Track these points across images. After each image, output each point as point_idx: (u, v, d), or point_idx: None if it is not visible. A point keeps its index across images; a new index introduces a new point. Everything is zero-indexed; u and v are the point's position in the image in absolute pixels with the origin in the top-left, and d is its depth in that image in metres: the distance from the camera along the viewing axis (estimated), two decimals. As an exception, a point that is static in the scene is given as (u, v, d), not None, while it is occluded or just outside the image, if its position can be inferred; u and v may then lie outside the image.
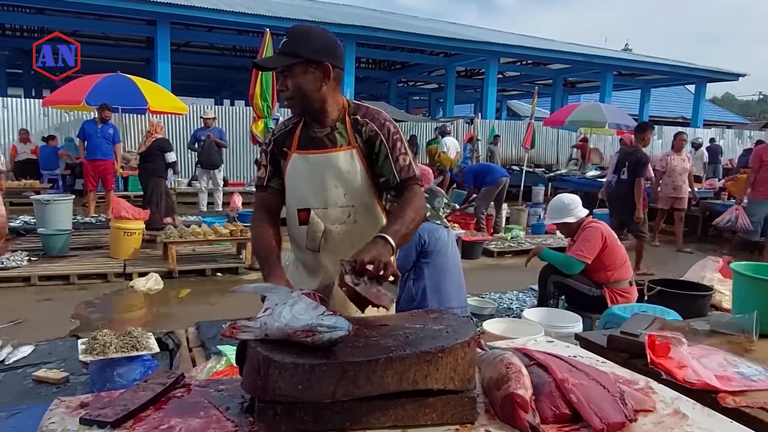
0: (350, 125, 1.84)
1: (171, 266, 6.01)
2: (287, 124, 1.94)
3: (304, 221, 1.88)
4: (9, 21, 17.22)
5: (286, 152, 1.89)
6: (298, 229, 1.91)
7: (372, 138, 1.83)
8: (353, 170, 1.84)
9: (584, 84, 24.72)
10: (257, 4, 16.89)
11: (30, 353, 3.66)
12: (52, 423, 1.30)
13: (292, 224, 1.93)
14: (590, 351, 1.98)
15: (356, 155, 1.83)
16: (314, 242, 1.88)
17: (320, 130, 1.84)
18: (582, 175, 11.69)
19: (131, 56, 20.78)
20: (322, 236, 1.87)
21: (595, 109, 12.44)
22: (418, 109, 30.27)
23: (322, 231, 1.87)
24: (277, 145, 1.92)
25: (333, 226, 1.87)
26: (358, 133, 1.83)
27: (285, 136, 1.91)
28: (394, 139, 1.84)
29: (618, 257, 3.99)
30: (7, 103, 12.63)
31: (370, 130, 1.83)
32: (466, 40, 17.03)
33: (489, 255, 7.46)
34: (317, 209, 1.86)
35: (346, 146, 1.83)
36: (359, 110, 1.87)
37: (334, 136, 1.84)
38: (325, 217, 1.86)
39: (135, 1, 13.23)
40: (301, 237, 1.92)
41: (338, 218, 1.87)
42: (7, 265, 5.82)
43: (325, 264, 1.90)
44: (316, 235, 1.87)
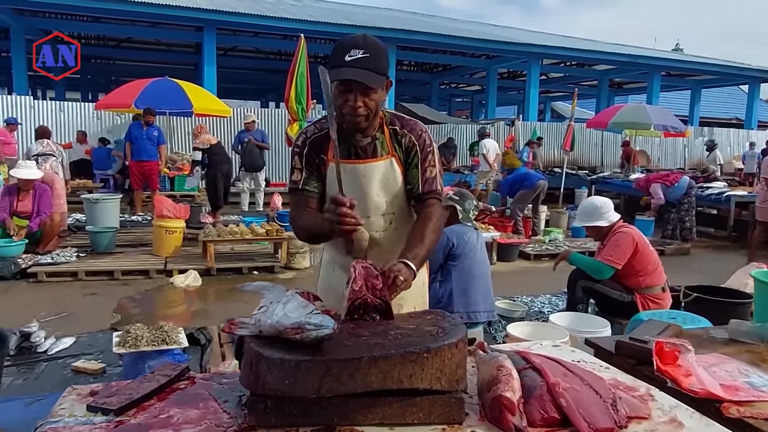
0: (389, 135, 1.88)
1: (209, 264, 6.21)
2: (320, 128, 1.90)
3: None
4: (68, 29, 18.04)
5: (324, 158, 1.88)
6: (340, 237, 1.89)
7: (410, 148, 1.88)
8: (393, 179, 1.89)
9: (631, 85, 24.04)
10: (299, 10, 17.21)
11: (71, 344, 3.87)
12: (62, 408, 1.40)
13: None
14: (599, 357, 1.97)
15: (395, 163, 1.88)
16: (361, 252, 1.90)
17: (362, 140, 1.86)
18: (626, 178, 11.37)
19: (181, 61, 21.47)
20: (368, 244, 1.91)
21: (639, 110, 12.08)
22: (461, 111, 30.10)
23: (368, 239, 1.90)
24: (314, 149, 1.89)
25: (376, 233, 1.92)
26: (398, 143, 1.88)
27: (321, 141, 1.89)
28: (427, 151, 1.89)
29: (650, 263, 3.89)
30: (65, 107, 13.31)
31: (409, 141, 1.88)
32: (507, 41, 16.84)
33: (525, 258, 7.37)
34: (361, 218, 1.86)
35: (386, 155, 1.87)
36: (396, 120, 1.91)
37: (375, 146, 1.87)
38: (368, 225, 1.89)
39: (184, 9, 13.73)
40: (342, 243, 1.91)
41: (381, 226, 1.92)
42: (57, 260, 6.15)
43: None
44: (362, 244, 1.90)
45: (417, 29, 16.01)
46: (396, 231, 1.94)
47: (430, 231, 1.81)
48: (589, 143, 17.49)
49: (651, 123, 11.59)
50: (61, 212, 6.98)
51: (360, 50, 1.69)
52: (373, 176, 1.87)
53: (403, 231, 1.93)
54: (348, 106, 1.74)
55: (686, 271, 6.73)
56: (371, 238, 1.91)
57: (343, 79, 1.71)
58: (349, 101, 1.73)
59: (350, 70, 1.68)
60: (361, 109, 1.74)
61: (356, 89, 1.72)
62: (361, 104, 1.73)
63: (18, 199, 6.42)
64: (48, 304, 5.00)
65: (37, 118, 12.53)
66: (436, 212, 1.88)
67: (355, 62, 1.68)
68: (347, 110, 1.75)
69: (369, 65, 1.69)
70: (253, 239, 6.71)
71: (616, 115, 12.22)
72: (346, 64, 1.69)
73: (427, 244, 1.77)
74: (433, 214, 1.87)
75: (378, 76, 1.71)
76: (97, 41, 20.08)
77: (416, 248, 1.73)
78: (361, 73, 1.68)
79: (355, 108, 1.73)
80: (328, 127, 1.87)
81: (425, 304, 2.09)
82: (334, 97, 1.76)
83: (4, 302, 5.13)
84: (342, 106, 1.75)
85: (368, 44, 1.72)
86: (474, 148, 13.85)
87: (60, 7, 13.51)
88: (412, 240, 1.78)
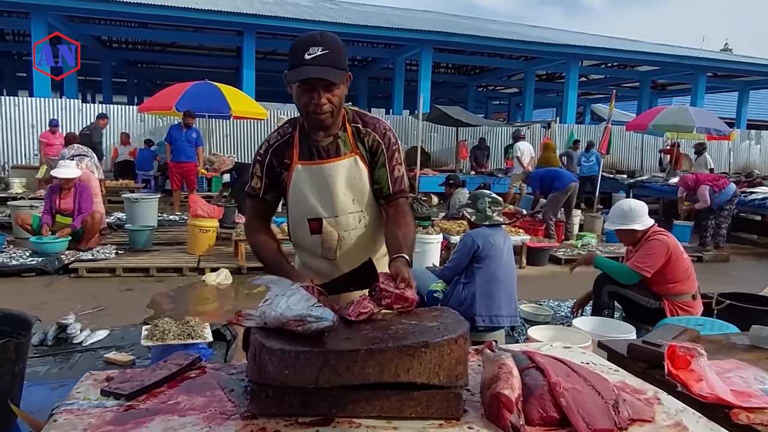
0: (352, 133, 1.87)
1: (240, 263, 6.34)
2: (282, 134, 1.90)
3: (316, 230, 1.92)
4: (116, 35, 18.78)
5: (287, 164, 1.88)
6: (310, 238, 1.94)
7: (375, 147, 1.88)
8: (359, 176, 1.89)
9: (675, 86, 23.37)
10: (337, 13, 17.40)
11: (105, 337, 4.02)
12: (78, 392, 1.47)
13: (301, 234, 1.95)
14: (612, 360, 1.94)
15: (359, 161, 1.88)
16: (330, 251, 1.94)
17: (324, 139, 1.85)
18: (665, 182, 11.04)
19: (222, 65, 22.00)
20: (337, 244, 1.93)
21: (682, 112, 11.72)
22: (498, 114, 29.82)
23: (337, 239, 1.92)
24: (276, 156, 1.89)
25: (345, 233, 1.92)
26: (361, 142, 1.88)
27: (284, 147, 1.89)
28: (393, 149, 1.89)
29: (682, 271, 3.74)
30: (110, 110, 13.79)
31: (372, 139, 1.88)
32: (545, 43, 16.61)
33: (556, 262, 7.26)
34: (328, 218, 1.90)
35: (350, 153, 1.87)
36: (358, 118, 1.90)
37: (337, 144, 1.87)
38: (337, 225, 1.91)
39: (225, 14, 14.09)
40: (313, 246, 1.95)
41: (350, 225, 1.92)
42: (97, 257, 6.40)
43: (342, 270, 1.91)
44: (331, 243, 1.92)
45: (455, 31, 15.96)
46: (366, 229, 1.94)
47: (410, 232, 1.83)
48: (628, 146, 17.09)
49: (693, 125, 11.24)
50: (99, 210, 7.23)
51: (319, 47, 1.67)
52: (338, 175, 1.87)
53: (373, 229, 1.94)
54: (313, 105, 1.72)
55: (724, 278, 6.51)
56: (340, 237, 1.92)
57: (307, 78, 1.69)
58: (313, 99, 1.72)
59: (312, 69, 1.67)
60: (326, 106, 1.73)
61: (320, 86, 1.70)
62: (325, 101, 1.72)
63: (60, 197, 6.71)
64: (87, 298, 5.21)
65: (85, 120, 13.05)
66: (409, 212, 1.91)
67: (315, 60, 1.66)
68: (312, 108, 1.73)
69: (330, 62, 1.67)
70: (283, 239, 6.79)
71: (656, 117, 11.89)
72: (306, 63, 1.67)
73: (411, 242, 1.81)
74: (408, 214, 1.89)
75: (340, 72, 1.70)
76: (143, 46, 20.79)
77: (405, 246, 1.74)
78: (323, 70, 1.67)
79: (320, 105, 1.72)
80: (291, 131, 1.89)
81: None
82: (297, 97, 1.75)
83: (47, 295, 5.36)
84: (307, 105, 1.74)
85: (326, 41, 1.70)
86: (509, 151, 13.71)
87: (109, 13, 14.03)
88: (398, 238, 1.78)
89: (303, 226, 1.93)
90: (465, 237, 4.00)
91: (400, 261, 1.67)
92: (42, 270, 5.93)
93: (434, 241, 6.24)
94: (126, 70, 23.00)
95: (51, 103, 13.12)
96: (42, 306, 4.86)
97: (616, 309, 4.13)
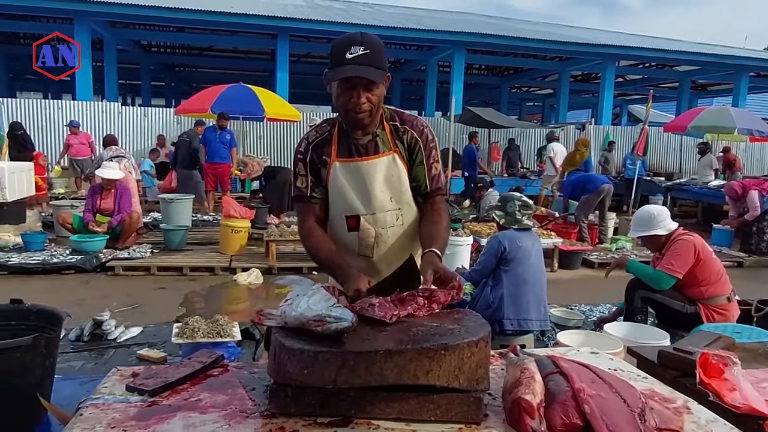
0: (390, 131, 1.88)
1: (271, 263, 6.42)
2: (321, 131, 1.92)
3: (353, 228, 1.92)
4: (155, 39, 19.28)
5: (326, 161, 1.89)
6: (347, 235, 1.94)
7: (413, 144, 1.89)
8: (397, 174, 1.89)
9: (716, 87, 22.67)
10: (370, 15, 17.47)
11: (138, 334, 4.12)
12: (104, 387, 1.50)
13: (339, 231, 1.95)
14: (641, 367, 1.89)
15: (398, 159, 1.88)
16: (367, 248, 1.93)
17: (363, 137, 1.87)
18: (704, 185, 10.70)
19: (256, 68, 22.33)
20: (374, 241, 1.93)
21: (722, 113, 11.35)
22: (532, 115, 29.46)
23: (374, 236, 1.92)
24: (316, 153, 1.90)
25: (383, 230, 1.92)
26: (399, 140, 1.88)
27: (322, 144, 1.90)
28: (430, 147, 1.89)
29: (713, 272, 3.65)
30: (148, 112, 14.18)
31: (411, 137, 1.88)
32: (580, 43, 16.32)
33: (589, 266, 7.12)
34: (366, 215, 1.90)
35: (388, 151, 1.88)
36: (396, 116, 1.91)
37: (376, 142, 1.88)
38: (375, 222, 1.91)
39: (260, 17, 14.31)
40: (351, 243, 1.95)
41: (388, 222, 1.92)
42: (133, 255, 6.57)
43: (379, 267, 1.94)
44: (368, 241, 1.92)
45: (488, 32, 15.84)
46: (403, 226, 1.94)
47: (444, 229, 1.85)
48: (666, 148, 16.66)
49: (735, 127, 10.87)
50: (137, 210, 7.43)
51: (360, 47, 1.69)
52: (377, 173, 1.87)
53: (411, 226, 1.94)
54: (352, 103, 1.75)
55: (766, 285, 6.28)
56: (377, 235, 1.92)
57: (348, 77, 1.71)
58: (353, 98, 1.74)
59: (353, 68, 1.69)
60: (365, 105, 1.75)
61: (360, 86, 1.72)
62: (365, 100, 1.74)
63: (101, 198, 6.92)
64: (122, 295, 5.35)
65: (125, 122, 13.46)
66: (445, 210, 1.92)
67: (357, 59, 1.68)
68: (351, 107, 1.75)
69: (370, 61, 1.70)
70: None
71: (696, 118, 11.55)
72: (347, 62, 1.69)
73: (444, 240, 1.83)
74: (444, 211, 1.91)
75: (380, 71, 1.72)
76: (181, 50, 21.29)
77: (437, 242, 1.76)
78: (363, 69, 1.69)
79: (360, 104, 1.74)
80: (330, 129, 1.91)
81: None
82: (337, 96, 1.77)
83: (85, 292, 5.52)
84: (346, 103, 1.76)
85: (367, 41, 1.72)
86: (542, 152, 13.52)
87: (150, 18, 14.43)
88: (431, 235, 1.81)
89: (341, 224, 1.94)
90: (491, 239, 3.96)
91: (430, 255, 1.69)
92: (81, 268, 6.12)
93: (464, 244, 6.20)
94: (164, 74, 23.60)
95: (93, 106, 13.54)
96: (80, 303, 5.02)
97: (650, 315, 4.02)
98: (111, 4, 13.26)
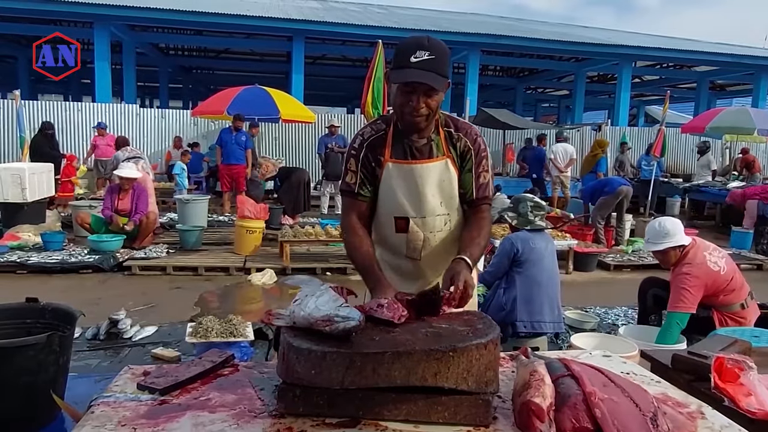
0: (444, 137, 1.89)
1: (285, 263, 6.45)
2: (377, 130, 1.92)
3: (402, 229, 1.93)
4: (173, 42, 19.50)
5: (380, 160, 1.89)
6: (395, 236, 1.95)
7: (466, 152, 1.89)
8: (448, 180, 1.90)
9: (735, 87, 22.32)
10: (385, 17, 17.48)
11: (153, 333, 4.14)
12: (116, 385, 1.52)
13: (387, 231, 1.96)
14: (655, 371, 1.86)
15: (450, 165, 1.89)
16: (415, 251, 1.94)
17: (418, 140, 1.87)
18: (723, 187, 10.53)
19: (272, 70, 22.45)
20: (422, 245, 1.94)
21: (741, 114, 11.17)
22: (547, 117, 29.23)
23: (422, 240, 1.93)
24: (371, 151, 1.90)
25: (431, 234, 1.93)
26: (453, 146, 1.89)
27: (378, 143, 1.90)
28: (482, 156, 1.89)
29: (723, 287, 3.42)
30: (165, 114, 14.33)
31: (464, 144, 1.89)
32: (596, 43, 16.17)
33: (605, 268, 7.05)
34: (416, 218, 1.91)
35: (442, 156, 1.89)
36: (451, 123, 1.91)
37: (431, 146, 1.88)
38: (424, 225, 1.92)
39: (276, 20, 14.42)
40: (398, 244, 1.96)
41: (436, 226, 1.93)
42: (150, 255, 6.64)
43: (425, 270, 1.96)
44: (416, 243, 1.93)
45: (503, 33, 15.77)
46: (451, 232, 1.95)
47: (483, 237, 1.84)
48: (684, 149, 16.43)
49: (754, 127, 10.69)
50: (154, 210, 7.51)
51: (425, 52, 1.69)
52: (429, 177, 1.88)
53: (458, 232, 1.94)
54: (410, 107, 1.75)
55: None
56: (425, 239, 1.93)
57: (409, 81, 1.72)
58: (411, 101, 1.74)
59: (416, 72, 1.69)
60: (423, 110, 1.76)
61: (420, 90, 1.73)
62: (423, 105, 1.75)
63: (118, 198, 7.00)
64: (138, 295, 5.41)
65: (143, 123, 13.62)
66: (488, 218, 1.93)
67: (420, 64, 1.69)
68: (408, 110, 1.76)
69: (433, 67, 1.70)
70: (329, 240, 6.89)
71: (714, 119, 11.38)
72: (411, 66, 1.70)
73: (481, 247, 1.81)
74: (486, 220, 1.92)
75: (441, 78, 1.72)
76: (198, 53, 21.50)
77: (472, 248, 1.76)
78: (426, 75, 1.69)
79: (418, 109, 1.75)
80: (385, 128, 1.92)
81: (474, 305, 2.07)
82: (396, 97, 1.79)
83: (102, 292, 5.59)
84: (404, 106, 1.77)
85: (433, 46, 1.72)
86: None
87: (168, 21, 14.61)
88: (468, 241, 1.81)
89: (389, 224, 1.95)
90: (504, 241, 3.94)
91: (457, 262, 1.70)
92: (98, 267, 6.20)
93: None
94: (182, 76, 23.84)
95: (112, 108, 13.72)
96: (96, 302, 5.08)
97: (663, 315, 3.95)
98: (130, 8, 13.44)
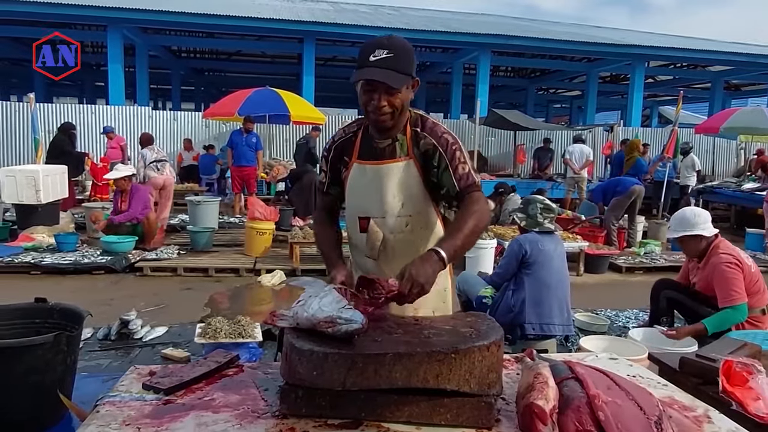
0: (410, 136, 1.87)
1: (295, 264, 6.46)
2: (347, 132, 1.98)
3: (364, 229, 1.95)
4: (185, 44, 19.65)
5: (347, 161, 1.95)
6: (359, 235, 1.98)
7: (430, 151, 1.85)
8: (410, 180, 1.88)
9: (751, 87, 22.05)
10: (396, 18, 17.50)
11: (163, 333, 4.18)
12: (122, 385, 1.54)
13: (353, 231, 2.00)
14: (663, 374, 1.84)
15: (413, 165, 1.87)
16: (373, 250, 1.95)
17: (382, 141, 1.88)
18: (737, 188, 10.41)
19: (284, 72, 22.56)
20: (381, 245, 1.93)
21: (756, 114, 11.02)
22: (559, 117, 29.10)
23: (381, 239, 1.93)
24: (338, 152, 1.98)
25: (391, 235, 1.92)
26: (416, 146, 1.87)
27: (346, 144, 1.96)
28: (453, 150, 1.84)
29: (749, 286, 3.46)
30: (177, 116, 14.45)
31: (428, 143, 1.86)
32: (609, 43, 16.04)
33: (616, 270, 6.98)
34: (376, 218, 1.92)
35: (404, 157, 1.87)
36: (419, 122, 1.90)
37: (394, 147, 1.88)
38: (384, 225, 1.92)
39: (286, 22, 14.48)
40: (361, 243, 1.99)
41: (396, 227, 1.92)
42: (161, 256, 6.69)
43: (385, 271, 1.93)
44: (375, 243, 1.93)
45: (514, 34, 15.71)
46: (411, 234, 1.92)
47: (471, 219, 1.72)
48: (698, 150, 16.22)
49: (770, 127, 10.57)
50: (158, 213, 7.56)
51: (384, 50, 1.71)
52: (390, 177, 1.87)
53: (421, 234, 1.92)
54: (372, 105, 1.76)
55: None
56: (385, 239, 1.92)
57: (366, 79, 1.74)
58: (373, 100, 1.76)
59: (373, 70, 1.71)
60: (386, 108, 1.76)
61: (380, 89, 1.73)
62: (385, 103, 1.75)
63: (121, 200, 7.09)
64: (149, 295, 5.45)
65: (155, 125, 13.73)
66: (478, 204, 1.79)
67: (379, 62, 1.70)
68: (371, 108, 1.77)
69: (392, 65, 1.71)
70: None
71: (729, 119, 11.24)
72: (369, 64, 1.71)
73: (466, 233, 1.68)
74: (475, 205, 1.77)
75: (401, 76, 1.72)
76: (210, 55, 21.66)
77: (452, 238, 1.67)
78: (383, 72, 1.70)
79: (380, 107, 1.75)
80: (356, 130, 1.95)
81: (447, 310, 2.02)
82: (360, 97, 1.80)
83: (114, 292, 5.64)
84: (367, 105, 1.78)
85: (393, 44, 1.73)
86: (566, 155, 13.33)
87: (180, 24, 14.73)
88: (450, 229, 1.74)
89: (355, 224, 1.98)
90: (512, 242, 3.92)
91: (426, 253, 1.61)
92: (110, 268, 6.25)
93: (488, 247, 6.14)
94: (194, 78, 24.04)
95: (125, 111, 13.85)
96: (108, 302, 5.13)
97: (678, 319, 3.91)
98: (143, 11, 13.58)
